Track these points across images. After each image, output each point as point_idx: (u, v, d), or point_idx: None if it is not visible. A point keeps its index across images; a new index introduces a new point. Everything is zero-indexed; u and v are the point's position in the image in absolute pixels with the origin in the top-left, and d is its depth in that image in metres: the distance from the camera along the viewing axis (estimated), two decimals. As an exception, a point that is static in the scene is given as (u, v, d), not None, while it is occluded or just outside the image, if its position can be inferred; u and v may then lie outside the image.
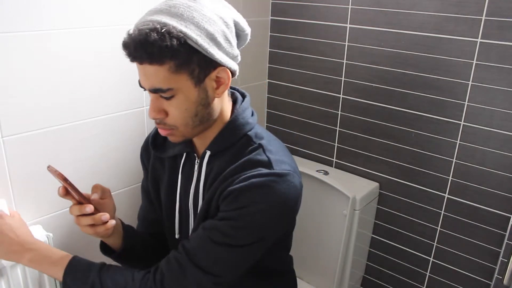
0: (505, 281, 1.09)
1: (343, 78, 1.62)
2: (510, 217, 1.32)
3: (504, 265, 1.17)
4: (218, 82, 0.81)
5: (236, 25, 0.82)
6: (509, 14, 1.21)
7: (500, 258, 1.35)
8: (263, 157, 0.83)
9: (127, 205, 1.42)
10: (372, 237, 1.71)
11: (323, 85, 1.68)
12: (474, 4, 1.26)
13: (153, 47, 0.71)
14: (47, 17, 1.07)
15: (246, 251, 0.83)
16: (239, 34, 0.84)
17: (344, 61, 1.60)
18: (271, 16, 1.76)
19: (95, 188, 0.88)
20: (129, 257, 0.98)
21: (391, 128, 1.54)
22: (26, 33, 1.04)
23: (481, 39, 1.28)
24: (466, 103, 1.35)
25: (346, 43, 1.57)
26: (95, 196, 0.86)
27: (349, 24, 1.55)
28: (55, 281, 1.17)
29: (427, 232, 1.55)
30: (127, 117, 1.32)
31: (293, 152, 1.84)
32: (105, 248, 0.99)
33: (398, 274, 1.68)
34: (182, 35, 0.72)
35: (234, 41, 0.81)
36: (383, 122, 1.56)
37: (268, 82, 1.86)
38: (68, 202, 1.25)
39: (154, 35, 0.70)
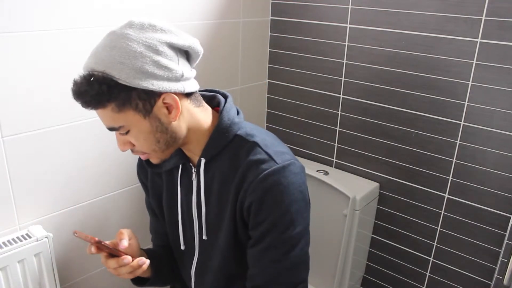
0: (505, 281, 1.09)
1: (343, 78, 1.62)
2: (510, 217, 1.32)
3: (504, 265, 1.17)
4: (169, 107, 0.80)
5: (172, 46, 0.78)
6: (509, 14, 1.21)
7: (500, 258, 1.35)
8: (262, 155, 0.84)
9: (127, 205, 1.42)
10: (372, 237, 1.71)
11: (323, 85, 1.68)
12: (474, 4, 1.26)
13: (87, 96, 0.74)
14: (47, 17, 1.07)
15: (302, 244, 0.87)
16: (186, 51, 0.82)
17: (344, 61, 1.60)
18: (271, 16, 1.76)
19: (121, 234, 0.87)
20: (160, 278, 1.01)
21: (391, 128, 1.54)
22: (26, 33, 1.04)
23: (481, 39, 1.28)
24: (466, 103, 1.35)
25: (346, 43, 1.57)
26: (124, 244, 0.85)
27: (349, 24, 1.55)
28: (55, 281, 1.17)
29: (427, 232, 1.55)
30: (127, 117, 1.32)
31: (293, 152, 1.83)
32: (136, 279, 0.99)
33: (398, 274, 1.68)
34: (109, 77, 0.73)
35: (173, 63, 0.78)
36: (383, 122, 1.56)
37: (268, 82, 1.86)
38: (69, 203, 1.25)
39: (83, 85, 0.73)
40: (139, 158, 1.04)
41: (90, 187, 1.30)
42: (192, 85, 0.83)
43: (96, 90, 0.73)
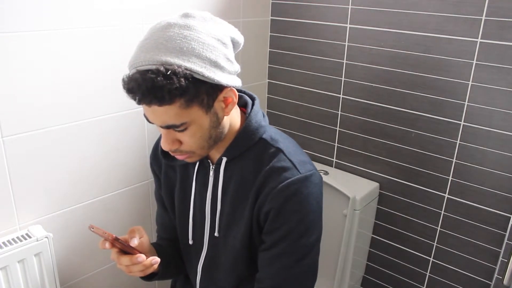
0: (505, 281, 1.09)
1: (343, 78, 1.62)
2: (510, 217, 1.32)
3: (504, 265, 1.17)
4: (226, 101, 0.80)
5: (232, 40, 0.80)
6: (509, 14, 1.21)
7: (500, 258, 1.35)
8: (286, 163, 0.84)
9: (127, 205, 1.42)
10: (372, 237, 1.71)
11: (323, 85, 1.68)
12: (474, 4, 1.26)
13: (162, 91, 0.68)
14: (47, 17, 1.07)
15: (314, 253, 0.88)
16: (234, 45, 0.83)
17: (344, 61, 1.60)
18: (271, 16, 1.76)
19: (132, 232, 0.86)
20: (167, 273, 1.02)
21: (391, 128, 1.54)
22: (26, 33, 1.04)
23: (481, 39, 1.28)
24: (466, 103, 1.35)
25: (346, 43, 1.57)
26: (135, 242, 0.83)
27: (349, 24, 1.55)
28: (55, 281, 1.17)
29: (427, 232, 1.55)
30: (127, 117, 1.32)
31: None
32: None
33: (398, 274, 1.68)
34: (188, 72, 0.69)
35: (233, 57, 0.79)
36: (383, 122, 1.56)
37: (268, 82, 1.86)
38: (69, 203, 1.25)
39: (161, 79, 0.67)
40: (153, 149, 1.04)
41: (90, 187, 1.30)
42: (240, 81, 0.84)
43: (175, 84, 0.68)
